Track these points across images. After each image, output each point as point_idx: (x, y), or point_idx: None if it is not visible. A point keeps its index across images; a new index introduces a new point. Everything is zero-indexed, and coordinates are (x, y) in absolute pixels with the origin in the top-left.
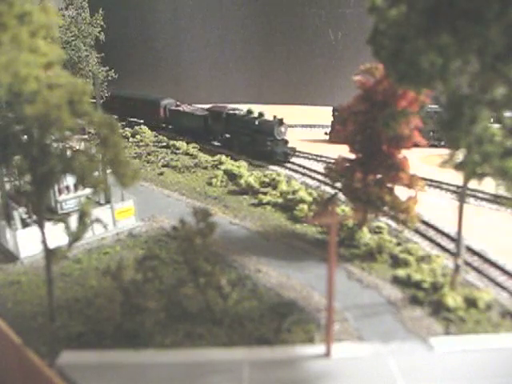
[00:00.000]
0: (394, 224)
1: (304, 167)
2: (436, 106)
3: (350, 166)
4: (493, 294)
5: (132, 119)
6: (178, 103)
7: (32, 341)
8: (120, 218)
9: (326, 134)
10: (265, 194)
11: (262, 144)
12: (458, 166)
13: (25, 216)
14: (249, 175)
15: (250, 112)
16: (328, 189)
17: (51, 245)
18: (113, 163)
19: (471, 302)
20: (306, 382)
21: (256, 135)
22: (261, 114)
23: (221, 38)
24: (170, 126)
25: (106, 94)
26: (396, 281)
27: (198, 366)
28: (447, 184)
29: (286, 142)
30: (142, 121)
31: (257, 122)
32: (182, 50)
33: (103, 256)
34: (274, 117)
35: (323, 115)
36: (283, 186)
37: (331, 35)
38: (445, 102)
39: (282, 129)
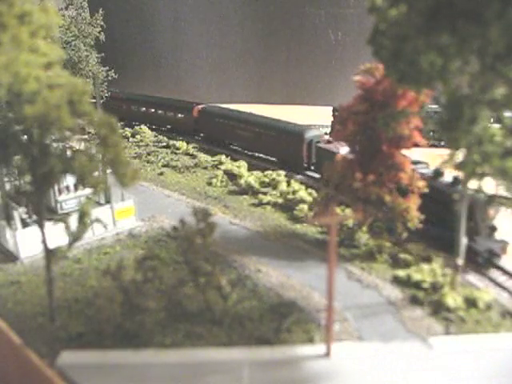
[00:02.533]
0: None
1: None
2: (436, 106)
3: (350, 165)
4: (493, 293)
5: (244, 151)
6: (329, 139)
7: (32, 341)
8: (120, 217)
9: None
10: (265, 194)
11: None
12: (458, 166)
13: (25, 216)
14: (249, 175)
15: (437, 173)
16: None
17: (51, 245)
18: (113, 163)
19: (471, 302)
20: (306, 382)
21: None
22: (456, 180)
23: (221, 38)
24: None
25: (202, 107)
26: (396, 281)
27: (197, 366)
28: None
29: (494, 229)
30: (271, 158)
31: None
32: (182, 50)
33: (103, 256)
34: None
35: (323, 115)
36: (283, 186)
37: (331, 35)
38: (445, 102)
39: (492, 211)
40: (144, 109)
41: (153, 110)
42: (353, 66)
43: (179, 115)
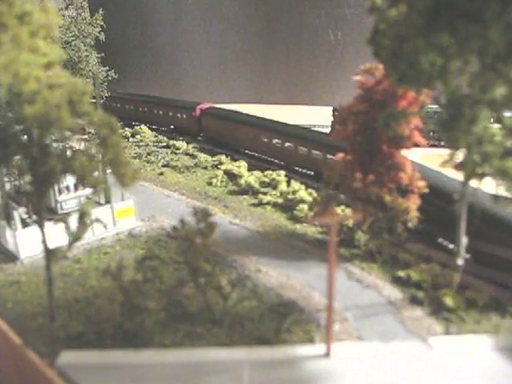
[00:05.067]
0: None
1: None
2: (436, 106)
3: (350, 165)
4: (493, 293)
5: None
6: None
7: (32, 341)
8: (120, 217)
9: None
10: (265, 194)
11: None
12: (458, 166)
13: (25, 216)
14: (249, 175)
15: None
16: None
17: (51, 245)
18: (113, 163)
19: (471, 302)
20: (306, 382)
21: None
22: None
23: (221, 38)
24: None
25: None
26: (396, 281)
27: (197, 366)
28: None
29: None
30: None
31: None
32: (182, 50)
33: (103, 256)
34: None
35: (323, 115)
36: (283, 186)
37: (331, 35)
38: (445, 102)
39: None
40: (278, 141)
41: (290, 145)
42: (353, 66)
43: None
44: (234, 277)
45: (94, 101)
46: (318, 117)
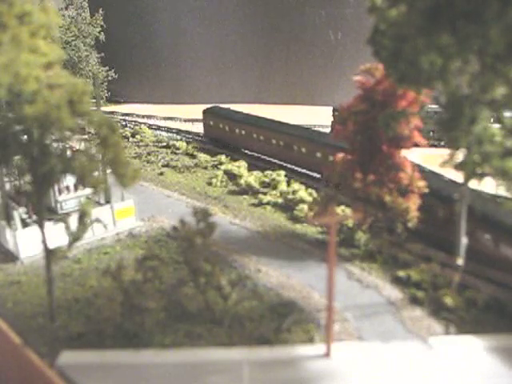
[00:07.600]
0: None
1: None
2: (436, 106)
3: (350, 165)
4: (492, 293)
5: None
6: None
7: (32, 341)
8: (120, 217)
9: None
10: (265, 194)
11: None
12: (458, 166)
13: (25, 216)
14: (249, 175)
15: None
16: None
17: (51, 245)
18: (113, 163)
19: (471, 302)
20: (306, 381)
21: None
22: None
23: (221, 37)
24: None
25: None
26: (396, 281)
27: (198, 366)
28: None
29: None
30: None
31: None
32: (182, 50)
33: (103, 256)
34: None
35: (323, 115)
36: (283, 186)
37: (331, 35)
38: (445, 102)
39: None
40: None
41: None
42: (353, 66)
43: None
44: (233, 277)
45: (94, 101)
46: (318, 117)
